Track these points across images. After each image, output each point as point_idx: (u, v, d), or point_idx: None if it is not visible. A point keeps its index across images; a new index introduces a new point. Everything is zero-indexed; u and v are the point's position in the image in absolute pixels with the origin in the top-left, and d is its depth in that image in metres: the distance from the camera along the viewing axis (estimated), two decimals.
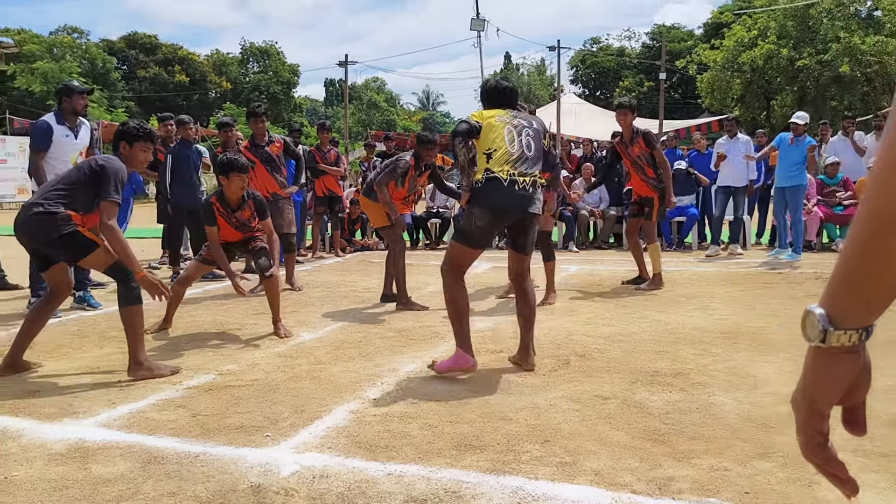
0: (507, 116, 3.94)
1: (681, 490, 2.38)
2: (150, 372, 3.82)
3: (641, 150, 6.56)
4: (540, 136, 4.01)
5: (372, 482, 2.49)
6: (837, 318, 0.80)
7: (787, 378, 3.67)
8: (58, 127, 5.73)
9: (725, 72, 30.12)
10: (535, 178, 3.86)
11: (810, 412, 0.85)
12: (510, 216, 3.88)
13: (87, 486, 2.49)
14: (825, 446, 0.86)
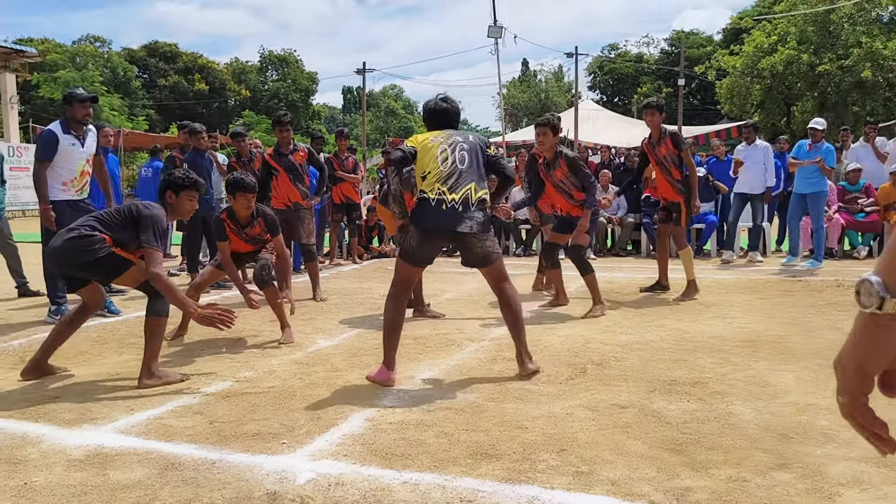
0: (441, 136, 3.95)
1: (698, 501, 2.36)
2: (160, 380, 3.85)
3: (668, 150, 6.39)
4: (476, 149, 3.95)
5: (387, 490, 2.49)
6: (894, 287, 0.86)
7: (807, 387, 3.63)
8: (64, 136, 5.69)
9: (745, 78, 29.90)
10: (467, 193, 3.80)
11: (857, 374, 0.90)
12: (438, 235, 3.87)
13: (105, 492, 2.51)
14: (868, 407, 0.92)
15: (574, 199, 5.89)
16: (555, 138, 5.76)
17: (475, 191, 3.84)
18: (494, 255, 3.95)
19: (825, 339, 4.70)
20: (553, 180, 5.92)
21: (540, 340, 4.87)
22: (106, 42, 48.03)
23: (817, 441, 2.89)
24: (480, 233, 3.83)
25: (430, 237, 3.86)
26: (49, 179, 5.62)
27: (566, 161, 5.76)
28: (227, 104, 50.53)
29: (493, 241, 3.97)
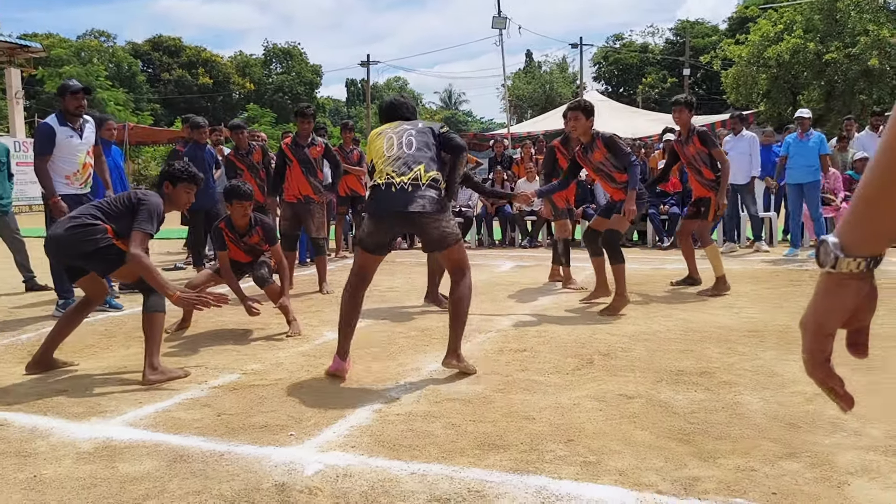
0: (390, 127, 3.99)
1: (706, 490, 2.36)
2: (164, 376, 3.83)
3: (697, 149, 6.19)
4: (426, 132, 3.91)
5: (395, 481, 2.49)
6: (848, 247, 0.90)
7: None
8: (61, 128, 5.65)
9: (751, 67, 29.71)
10: (416, 174, 3.73)
11: (817, 332, 0.95)
12: (390, 219, 3.78)
13: (115, 485, 2.53)
14: (828, 364, 0.97)
15: (616, 181, 5.70)
16: (588, 121, 5.65)
17: (425, 171, 3.75)
18: (452, 237, 3.82)
19: None
20: (593, 164, 5.75)
21: (546, 331, 4.87)
22: (110, 36, 48.11)
23: (825, 430, 2.88)
24: (434, 212, 3.71)
25: (382, 221, 3.78)
26: (51, 174, 5.60)
27: (604, 141, 5.62)
28: (231, 98, 50.53)
29: (451, 223, 3.83)
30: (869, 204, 0.88)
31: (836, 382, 0.98)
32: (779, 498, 2.30)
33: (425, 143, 3.87)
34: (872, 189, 0.87)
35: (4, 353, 4.59)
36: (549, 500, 2.32)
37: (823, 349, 0.96)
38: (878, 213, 0.88)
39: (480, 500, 2.33)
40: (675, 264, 8.19)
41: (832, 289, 0.93)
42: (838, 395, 0.99)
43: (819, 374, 0.98)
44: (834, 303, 0.93)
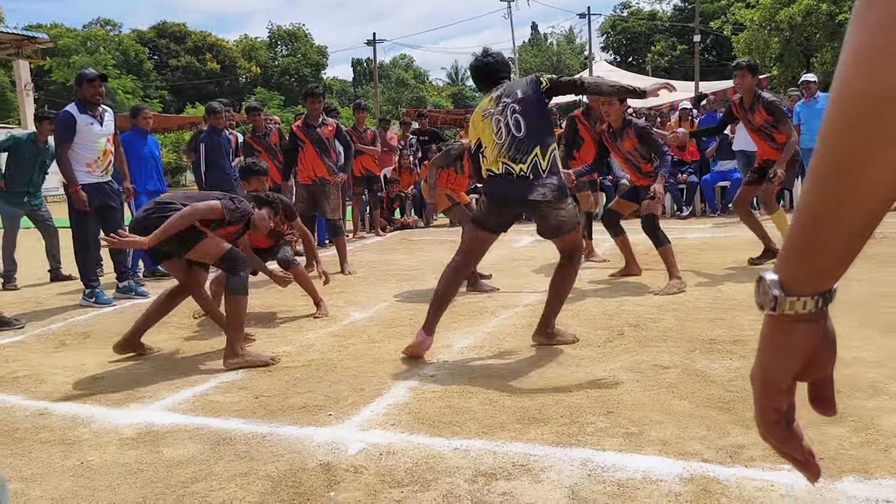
0: (490, 105, 3.77)
1: (752, 458, 2.35)
2: (245, 361, 3.78)
3: (764, 119, 5.82)
4: (529, 102, 3.67)
5: (439, 457, 2.50)
6: (790, 284, 0.72)
7: (848, 340, 3.58)
8: (81, 116, 5.66)
9: (762, 30, 29.27)
10: (535, 161, 3.59)
11: (765, 387, 0.77)
12: (511, 205, 3.73)
13: (161, 469, 2.55)
14: (781, 424, 0.78)
15: (642, 171, 5.51)
16: (622, 106, 5.39)
17: (542, 156, 3.60)
18: (568, 225, 3.70)
19: (861, 291, 4.64)
20: (621, 152, 5.55)
21: (574, 305, 4.85)
22: (116, 25, 48.01)
23: (866, 394, 2.87)
24: (555, 200, 3.61)
25: (504, 207, 3.74)
26: (73, 161, 5.62)
27: (636, 131, 5.38)
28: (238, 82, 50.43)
29: (570, 208, 3.71)
30: (807, 233, 0.70)
31: (796, 448, 0.78)
32: (826, 463, 2.29)
33: (534, 117, 3.64)
34: (811, 216, 0.69)
35: (36, 343, 4.64)
36: (596, 471, 2.33)
37: (775, 407, 0.77)
38: (819, 244, 0.69)
39: (526, 474, 2.34)
40: (697, 233, 8.16)
41: (776, 335, 0.75)
42: (798, 462, 0.79)
43: (772, 438, 0.79)
44: (780, 352, 0.75)
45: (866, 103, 0.60)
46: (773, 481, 2.18)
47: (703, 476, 2.25)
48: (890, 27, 0.57)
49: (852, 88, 0.61)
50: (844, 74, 0.62)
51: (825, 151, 0.65)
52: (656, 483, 2.22)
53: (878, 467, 2.24)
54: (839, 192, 0.65)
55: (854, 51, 0.61)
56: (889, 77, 0.58)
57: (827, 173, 0.66)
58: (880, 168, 0.62)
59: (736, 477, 2.23)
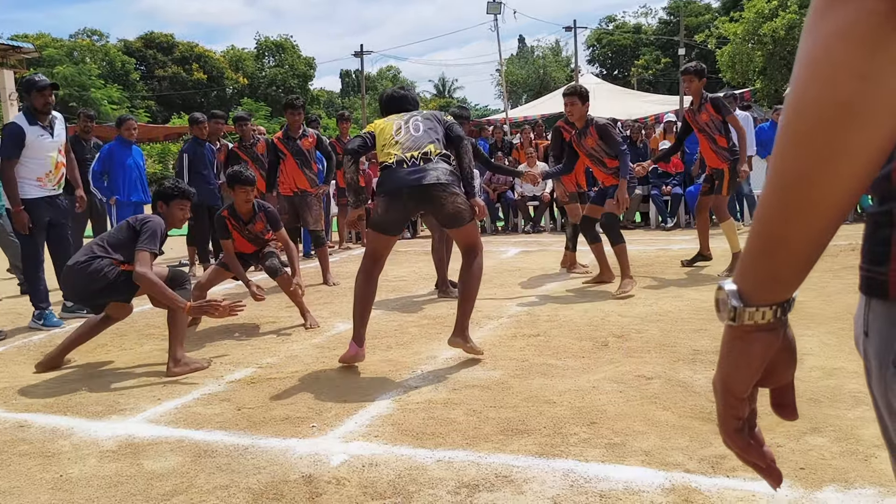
0: (397, 116, 3.98)
1: (734, 468, 2.36)
2: (187, 367, 3.89)
3: (710, 116, 6.09)
4: (432, 118, 3.95)
5: (422, 469, 2.50)
6: (748, 294, 0.73)
7: (829, 351, 3.62)
8: (30, 128, 5.25)
9: (746, 44, 29.59)
10: (427, 149, 3.74)
11: (725, 395, 0.78)
12: (405, 195, 3.71)
13: (141, 482, 2.53)
14: (742, 432, 0.80)
15: (608, 167, 5.70)
16: (584, 106, 5.65)
17: (435, 148, 3.78)
18: (467, 213, 3.77)
19: (844, 302, 4.69)
20: (585, 149, 5.77)
21: (558, 315, 4.87)
22: (102, 35, 47.83)
23: (847, 404, 2.89)
24: (449, 184, 3.69)
25: (397, 198, 3.73)
26: (22, 176, 5.24)
27: (596, 129, 5.62)
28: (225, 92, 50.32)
29: (465, 200, 3.78)
30: (764, 243, 0.70)
31: (756, 455, 0.80)
32: (807, 473, 2.30)
33: (432, 128, 3.89)
34: (766, 227, 0.69)
35: (17, 355, 4.59)
36: (578, 482, 2.33)
37: (735, 415, 0.79)
38: (777, 254, 0.70)
39: (509, 485, 2.34)
40: (681, 244, 8.21)
41: (736, 344, 0.75)
42: (759, 469, 0.81)
43: (733, 445, 0.81)
44: (739, 361, 0.76)
45: (817, 115, 0.61)
46: (755, 491, 2.18)
47: (685, 486, 2.25)
48: (839, 40, 0.58)
49: (804, 100, 0.62)
50: (796, 87, 0.63)
51: (778, 163, 0.66)
52: (638, 494, 2.23)
53: (858, 477, 2.25)
54: (792, 204, 0.66)
55: (805, 63, 0.62)
56: (839, 89, 0.59)
57: (780, 185, 0.66)
58: (832, 179, 0.62)
59: (718, 487, 2.24)
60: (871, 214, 0.71)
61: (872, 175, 0.63)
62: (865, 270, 0.73)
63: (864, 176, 0.62)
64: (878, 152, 0.61)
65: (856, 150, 0.60)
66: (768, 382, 0.79)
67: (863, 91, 0.58)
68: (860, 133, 0.59)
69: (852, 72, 0.58)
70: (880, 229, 0.70)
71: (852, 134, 0.59)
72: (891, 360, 0.69)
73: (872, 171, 0.62)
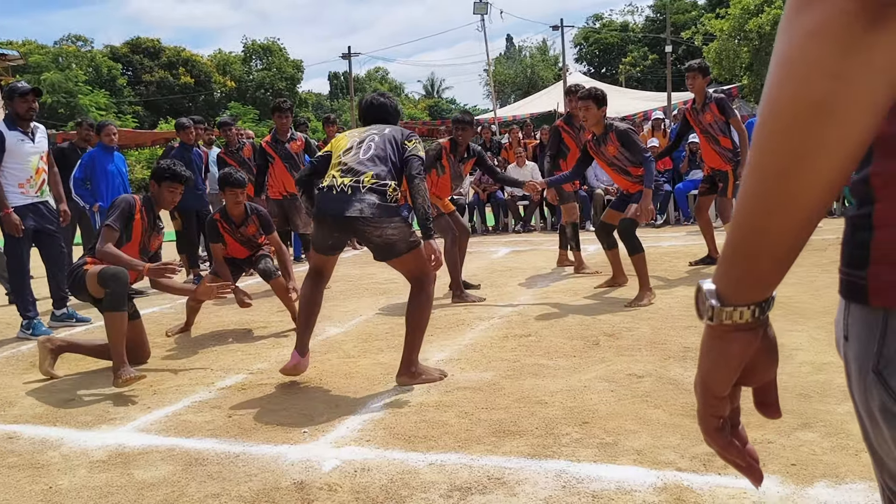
0: (357, 131, 3.75)
1: (725, 465, 2.34)
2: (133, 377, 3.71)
3: (714, 117, 5.95)
4: (391, 141, 3.61)
5: (414, 473, 2.49)
6: (726, 294, 0.73)
7: (819, 346, 3.63)
8: (10, 133, 5.24)
9: (732, 40, 29.74)
10: (359, 180, 3.43)
11: (704, 394, 0.78)
12: (329, 222, 3.51)
13: (132, 492, 2.51)
14: (723, 431, 0.80)
15: (632, 175, 5.28)
16: (599, 111, 5.20)
17: (370, 178, 3.44)
18: (402, 245, 3.47)
19: (833, 296, 4.66)
20: (606, 158, 5.33)
21: (550, 315, 4.87)
22: (88, 41, 47.60)
23: (837, 399, 2.90)
24: (373, 217, 3.37)
25: (322, 225, 3.57)
26: (3, 183, 5.18)
27: (617, 135, 5.18)
28: (213, 96, 50.16)
29: (401, 229, 3.46)
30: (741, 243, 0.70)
31: (736, 454, 0.80)
32: (798, 468, 2.31)
33: (384, 150, 3.56)
34: (742, 227, 0.69)
35: (6, 366, 4.55)
36: (570, 483, 2.33)
37: (715, 414, 0.79)
38: (754, 254, 0.69)
39: (501, 487, 2.33)
40: (671, 241, 8.23)
41: (715, 344, 0.75)
42: (740, 468, 0.80)
43: (713, 444, 0.80)
44: (718, 360, 0.75)
45: (792, 113, 0.61)
46: (746, 489, 2.19)
47: (677, 485, 2.26)
48: (813, 39, 0.58)
49: (778, 98, 0.62)
50: (771, 85, 0.62)
51: (755, 160, 0.66)
52: (630, 493, 2.23)
53: (849, 472, 2.26)
54: (768, 204, 0.65)
55: (780, 61, 0.62)
56: (813, 88, 0.59)
57: (756, 184, 0.66)
58: (809, 175, 0.62)
59: (709, 485, 2.24)
60: (850, 218, 0.71)
61: (850, 170, 0.63)
62: (845, 274, 0.72)
63: (842, 171, 0.62)
64: (854, 148, 0.61)
65: (832, 146, 0.60)
66: (749, 381, 0.79)
67: (836, 90, 0.58)
68: (835, 130, 0.60)
69: (825, 71, 0.58)
70: (859, 232, 0.70)
71: (828, 131, 0.60)
72: (870, 365, 0.69)
73: (850, 167, 0.62)
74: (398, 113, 3.99)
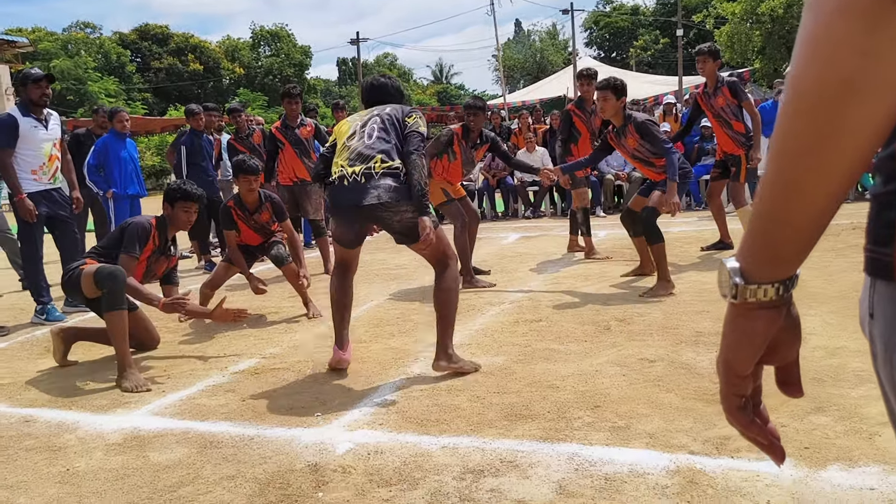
0: (359, 115, 3.68)
1: (738, 449, 2.37)
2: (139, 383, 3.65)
3: (727, 101, 5.94)
4: (392, 120, 3.53)
5: (427, 455, 2.50)
6: (750, 271, 0.73)
7: (832, 330, 3.62)
8: (24, 119, 5.28)
9: (744, 24, 29.44)
10: (370, 166, 3.37)
11: (727, 373, 0.78)
12: (349, 213, 3.47)
13: (148, 474, 2.54)
14: (745, 409, 0.79)
15: (657, 166, 5.10)
16: (619, 102, 5.02)
17: (381, 162, 3.39)
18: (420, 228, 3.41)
19: (847, 280, 4.68)
20: (628, 151, 5.18)
21: (560, 300, 4.87)
22: (97, 28, 47.65)
23: (850, 383, 2.89)
24: (392, 202, 3.33)
25: (341, 218, 3.55)
26: (17, 169, 5.25)
27: (636, 127, 5.02)
28: (221, 83, 50.14)
29: (417, 211, 3.39)
30: (766, 221, 0.70)
31: (759, 432, 0.80)
32: (811, 452, 2.31)
33: (385, 135, 3.49)
34: (767, 205, 0.69)
35: (21, 351, 4.60)
36: (583, 466, 2.33)
37: (737, 392, 0.78)
38: (778, 232, 0.69)
39: (514, 470, 2.34)
40: (681, 227, 8.19)
41: (738, 322, 0.75)
42: (763, 446, 0.81)
43: (735, 423, 0.80)
44: (741, 338, 0.76)
45: (818, 93, 0.60)
46: (759, 471, 2.19)
47: (690, 468, 2.26)
48: (840, 16, 0.57)
49: (804, 77, 0.61)
50: (797, 64, 0.62)
51: (780, 140, 0.65)
52: (643, 476, 2.23)
53: (862, 455, 2.26)
54: (793, 183, 0.65)
55: (805, 40, 0.61)
56: (840, 66, 0.58)
57: (781, 163, 0.66)
58: (835, 155, 0.62)
59: (722, 468, 2.25)
60: (875, 195, 0.70)
61: (875, 150, 0.63)
62: (870, 251, 0.72)
63: (867, 151, 0.62)
64: (880, 128, 0.60)
65: (858, 126, 0.60)
66: (772, 360, 0.79)
67: (863, 68, 0.57)
68: (862, 109, 0.59)
69: (853, 48, 0.57)
70: (885, 210, 0.69)
71: (854, 110, 0.59)
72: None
73: (874, 147, 0.62)
74: (400, 93, 3.90)
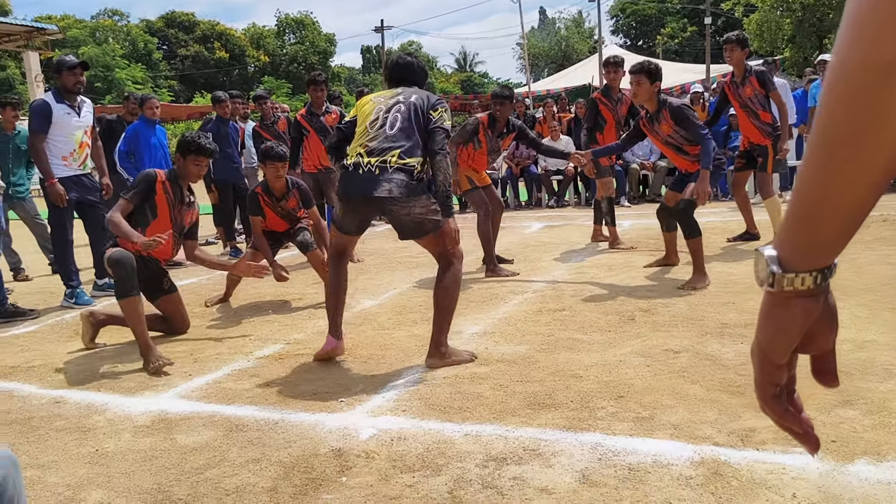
0: (385, 95, 3.59)
1: (764, 441, 2.35)
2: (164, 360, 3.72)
3: (755, 90, 5.86)
4: (416, 112, 3.44)
5: (450, 443, 2.51)
6: (788, 260, 0.72)
7: (861, 324, 3.57)
8: (57, 105, 5.35)
9: (774, 11, 28.96)
10: (386, 158, 3.32)
11: (762, 362, 0.78)
12: (358, 202, 3.42)
13: (175, 455, 2.58)
14: (780, 398, 0.79)
15: (690, 154, 4.96)
16: (652, 86, 4.87)
17: (398, 157, 3.33)
18: (429, 224, 3.38)
19: (875, 273, 4.61)
20: (661, 137, 5.04)
21: (584, 290, 4.85)
22: (124, 15, 48.08)
23: (879, 377, 2.85)
24: (402, 197, 3.29)
25: (349, 205, 3.49)
26: (48, 155, 5.34)
27: (671, 112, 4.86)
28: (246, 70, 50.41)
29: (427, 208, 3.36)
30: (803, 209, 0.69)
31: (793, 421, 0.80)
32: (838, 445, 2.28)
33: (409, 124, 3.42)
34: (806, 192, 0.68)
35: (50, 333, 4.68)
36: (606, 455, 2.33)
37: (772, 381, 0.78)
38: (817, 220, 0.68)
39: (537, 458, 2.35)
40: (708, 217, 8.11)
41: (775, 310, 0.74)
42: (797, 435, 0.81)
43: (770, 412, 0.80)
44: (778, 327, 0.75)
45: (862, 76, 0.59)
46: (785, 464, 2.17)
47: (714, 459, 2.25)
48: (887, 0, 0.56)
49: (848, 61, 0.60)
50: (841, 47, 0.61)
51: (821, 126, 0.64)
52: (667, 467, 2.23)
53: (890, 450, 2.23)
54: (834, 169, 0.64)
55: (850, 22, 0.60)
56: (885, 49, 0.57)
57: (822, 149, 0.65)
58: (876, 142, 0.61)
59: (747, 460, 2.23)
60: None
61: None
62: None
63: None
64: None
65: None
66: (808, 349, 0.78)
67: None
68: None
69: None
70: None
71: None
72: None
73: None
74: (425, 73, 3.85)
